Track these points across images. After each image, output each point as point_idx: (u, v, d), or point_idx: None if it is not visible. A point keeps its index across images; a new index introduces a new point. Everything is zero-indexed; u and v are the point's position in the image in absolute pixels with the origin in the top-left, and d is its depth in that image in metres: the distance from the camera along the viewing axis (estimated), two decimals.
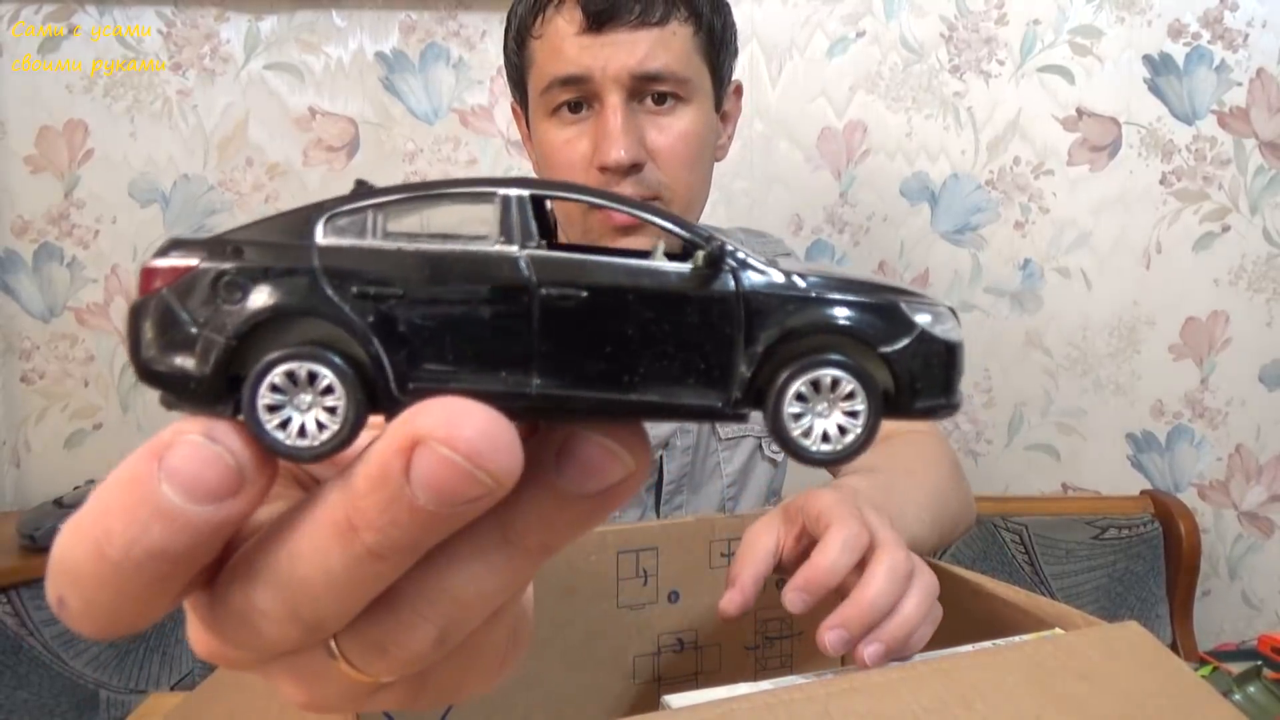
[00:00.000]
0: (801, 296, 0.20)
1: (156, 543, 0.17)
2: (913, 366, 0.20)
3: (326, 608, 0.19)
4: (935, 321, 0.21)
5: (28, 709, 1.06)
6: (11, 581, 1.07)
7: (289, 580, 0.18)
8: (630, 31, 0.78)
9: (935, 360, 0.21)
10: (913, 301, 0.21)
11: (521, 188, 0.20)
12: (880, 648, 0.51)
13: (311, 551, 0.18)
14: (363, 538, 0.17)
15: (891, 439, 0.90)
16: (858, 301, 0.20)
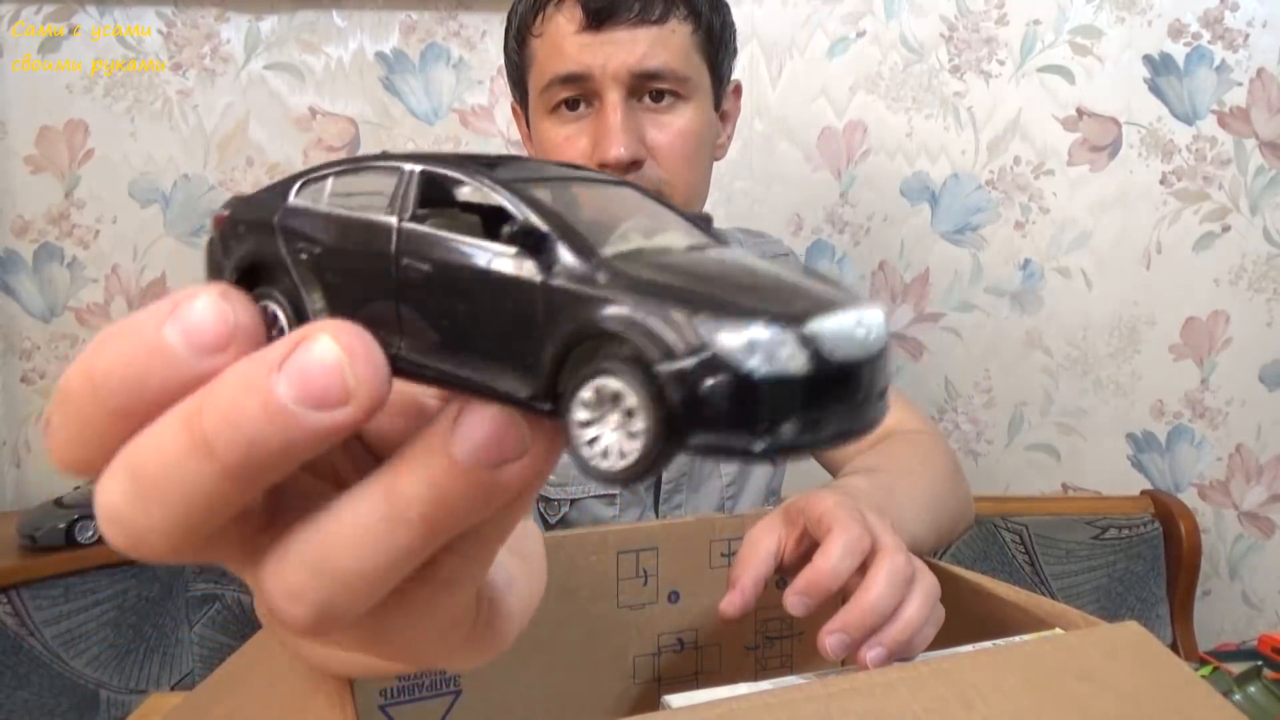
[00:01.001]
0: (589, 296, 0.18)
1: (135, 373, 0.18)
2: (688, 393, 0.17)
3: (191, 517, 0.19)
4: (751, 347, 0.17)
5: (28, 709, 1.06)
6: (12, 581, 1.07)
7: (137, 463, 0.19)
8: (630, 29, 0.79)
9: (720, 391, 0.17)
10: (730, 317, 0.17)
11: (418, 163, 0.21)
12: (882, 651, 0.51)
13: (158, 440, 0.19)
14: (214, 446, 0.18)
15: (891, 439, 0.90)
16: (651, 306, 0.18)
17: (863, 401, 0.19)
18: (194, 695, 0.44)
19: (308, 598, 0.19)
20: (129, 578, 1.14)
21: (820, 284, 0.20)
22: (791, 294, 0.19)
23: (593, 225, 0.20)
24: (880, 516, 0.58)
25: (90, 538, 1.11)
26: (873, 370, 0.19)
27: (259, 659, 0.44)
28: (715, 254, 0.20)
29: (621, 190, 0.24)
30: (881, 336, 0.19)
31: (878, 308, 0.20)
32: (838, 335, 0.18)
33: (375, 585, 0.19)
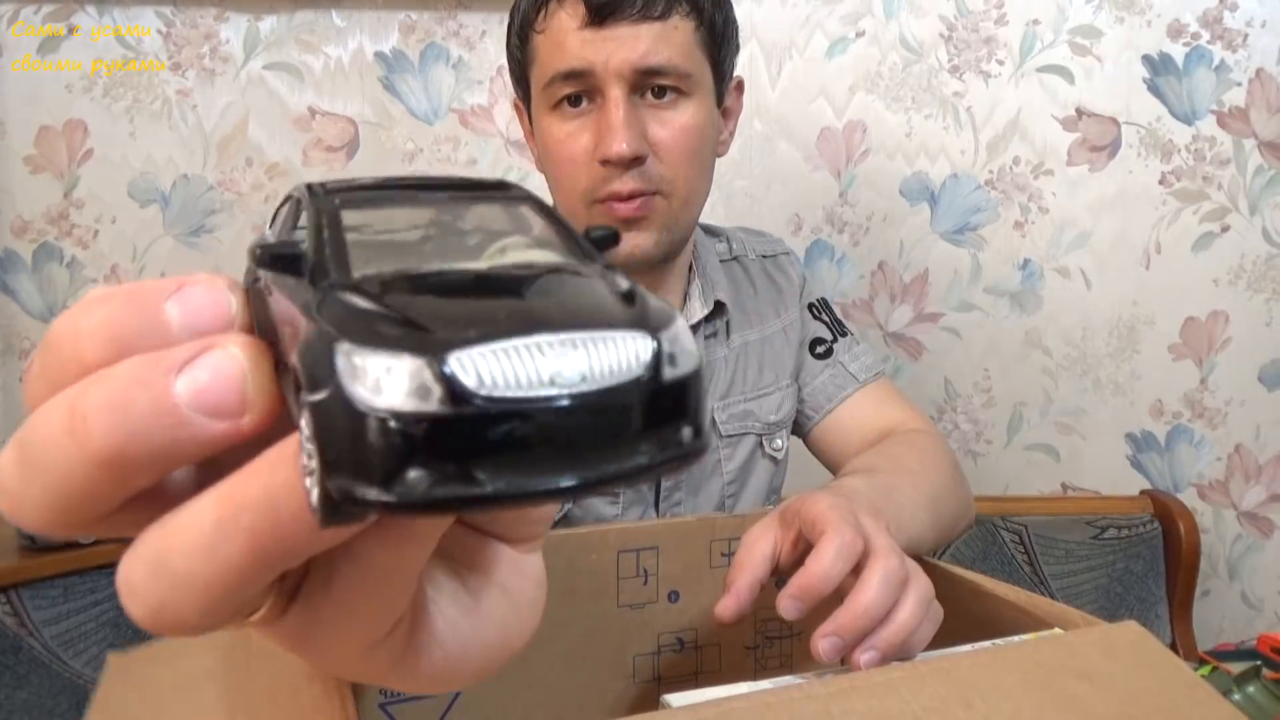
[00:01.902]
0: (303, 321, 0.17)
1: (120, 335, 0.19)
2: (321, 430, 0.16)
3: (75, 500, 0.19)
4: (376, 382, 0.15)
5: (27, 709, 1.06)
6: (11, 581, 1.07)
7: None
8: (632, 25, 0.79)
9: (340, 428, 0.15)
10: (373, 347, 0.16)
11: (305, 192, 0.21)
12: (876, 655, 0.51)
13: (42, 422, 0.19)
14: (91, 433, 0.17)
15: (890, 438, 0.90)
16: (323, 335, 0.16)
17: (550, 454, 0.16)
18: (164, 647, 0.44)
19: (141, 595, 0.19)
20: None
21: (599, 309, 0.18)
22: (492, 320, 0.16)
23: (374, 247, 0.19)
24: (875, 518, 0.58)
25: (89, 538, 1.10)
26: (566, 417, 0.16)
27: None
28: (521, 278, 0.19)
29: (502, 208, 0.22)
30: (601, 376, 0.16)
31: (635, 339, 0.17)
32: (499, 370, 0.16)
33: (208, 594, 0.18)
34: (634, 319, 0.18)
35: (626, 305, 0.18)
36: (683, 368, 0.18)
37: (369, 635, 0.22)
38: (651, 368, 0.17)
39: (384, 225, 0.20)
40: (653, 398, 0.17)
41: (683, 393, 0.18)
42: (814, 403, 0.97)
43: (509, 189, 0.23)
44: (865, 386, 0.97)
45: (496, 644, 0.25)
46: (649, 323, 0.18)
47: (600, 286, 0.19)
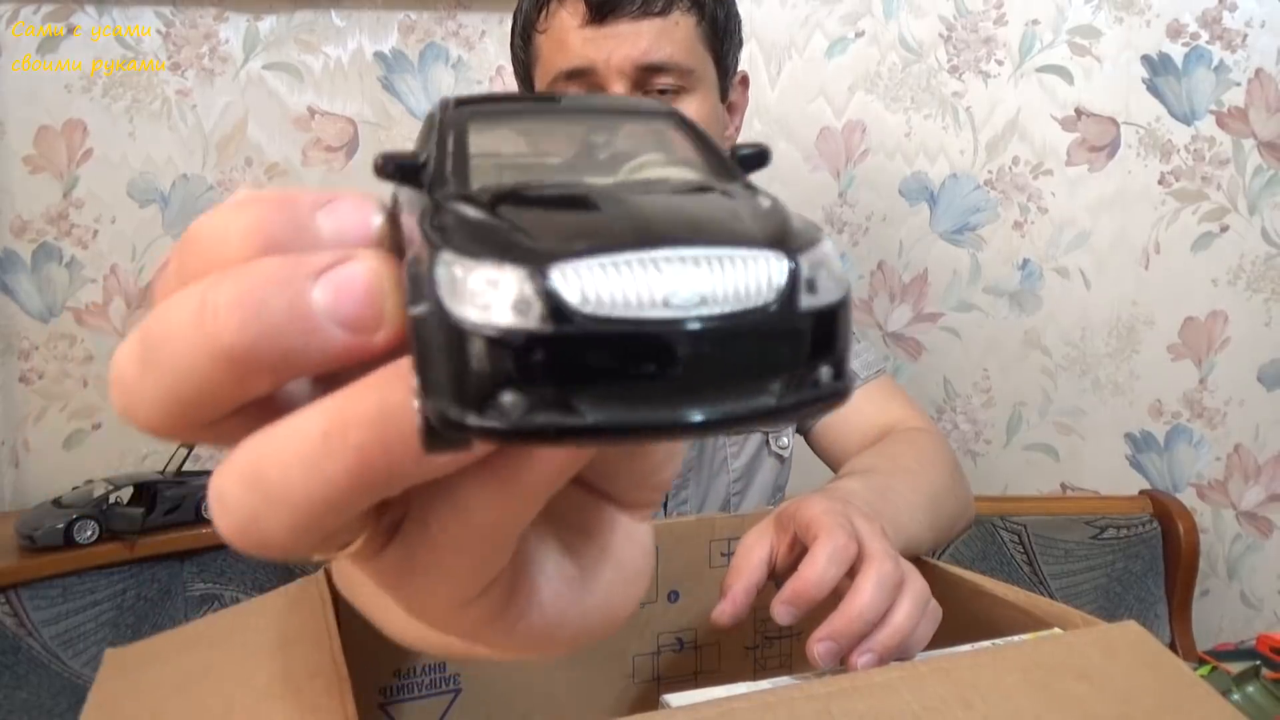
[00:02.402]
0: (411, 233, 0.17)
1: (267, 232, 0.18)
2: (421, 346, 0.15)
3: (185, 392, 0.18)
4: (471, 294, 0.14)
5: (26, 709, 1.06)
6: (11, 582, 1.07)
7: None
8: (633, 22, 0.79)
9: (435, 344, 0.15)
10: (471, 258, 0.15)
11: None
12: (873, 657, 0.51)
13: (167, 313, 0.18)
14: (222, 326, 0.17)
15: (890, 438, 0.90)
16: (427, 247, 0.15)
17: (661, 386, 0.15)
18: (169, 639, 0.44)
19: (233, 508, 0.18)
20: (127, 578, 1.14)
21: (729, 225, 0.16)
22: (605, 232, 0.15)
23: (499, 161, 0.18)
24: (870, 522, 0.58)
25: (88, 538, 1.10)
26: (680, 344, 0.14)
27: (248, 623, 0.44)
28: (649, 193, 0.17)
29: (644, 125, 0.20)
30: (724, 299, 0.15)
31: (769, 260, 0.15)
32: (606, 286, 0.14)
33: (303, 513, 0.17)
34: (770, 237, 0.16)
35: (764, 222, 0.16)
36: (825, 296, 0.16)
37: (463, 590, 0.20)
38: (785, 294, 0.15)
39: (514, 140, 0.19)
40: (785, 328, 0.15)
41: (823, 325, 0.16)
42: None
43: (653, 107, 0.21)
44: (867, 384, 0.96)
45: (599, 614, 0.24)
46: (788, 242, 0.16)
47: (737, 204, 0.17)
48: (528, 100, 0.21)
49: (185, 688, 0.42)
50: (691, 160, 0.19)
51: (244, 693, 0.40)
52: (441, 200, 0.17)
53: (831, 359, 0.16)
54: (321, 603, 0.47)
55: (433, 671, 0.58)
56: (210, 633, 0.47)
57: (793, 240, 0.16)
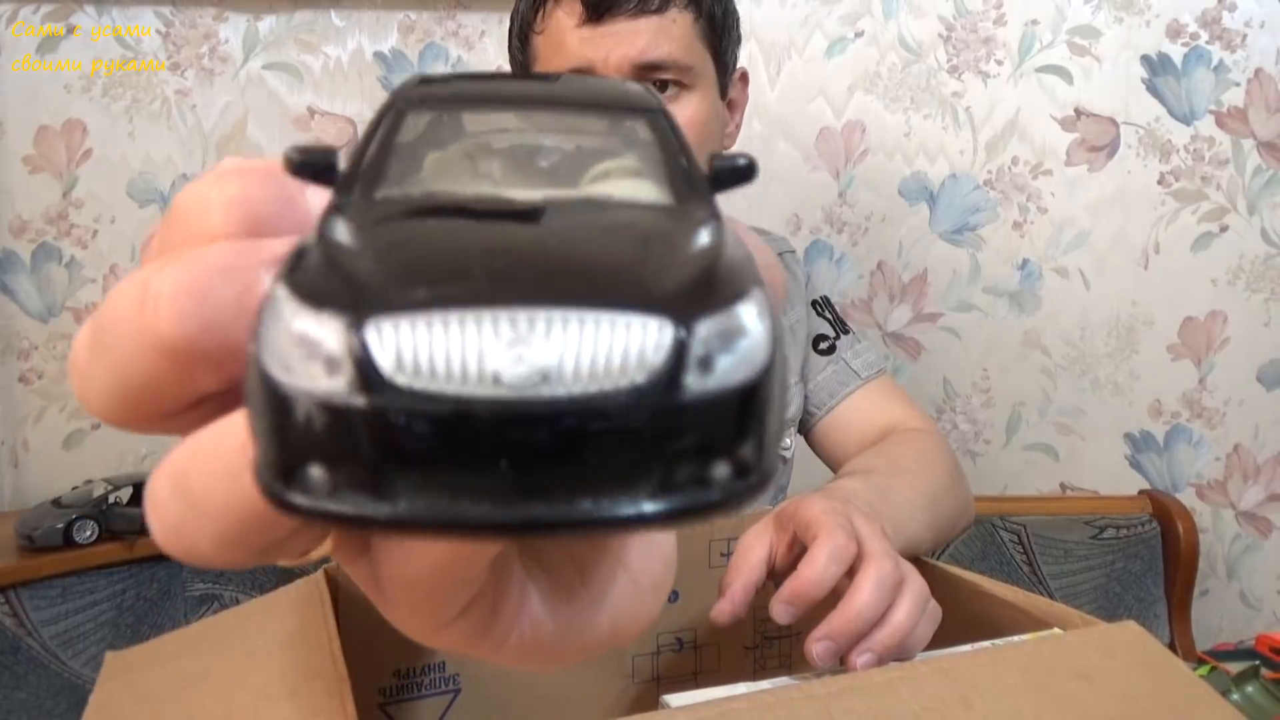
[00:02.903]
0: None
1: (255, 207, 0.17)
2: (247, 393, 0.14)
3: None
4: (285, 349, 0.13)
5: (25, 709, 1.06)
6: (10, 581, 1.07)
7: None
8: (630, 21, 0.79)
9: (254, 395, 0.13)
10: (302, 302, 0.13)
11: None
12: (872, 657, 0.51)
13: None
14: (162, 314, 0.16)
15: (890, 438, 0.90)
16: (283, 279, 0.14)
17: (494, 478, 0.12)
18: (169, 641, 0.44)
19: (161, 513, 0.17)
20: (127, 578, 1.14)
21: (626, 274, 0.13)
22: (461, 277, 0.12)
23: (430, 159, 0.16)
24: (869, 521, 0.58)
25: (88, 538, 1.10)
26: (517, 430, 0.12)
27: (247, 625, 0.44)
28: (583, 218, 0.15)
29: (617, 123, 0.18)
30: (579, 377, 0.12)
31: (648, 326, 0.12)
32: (429, 350, 0.12)
33: (226, 524, 0.16)
34: (666, 294, 0.13)
35: (674, 271, 0.13)
36: (725, 375, 0.13)
37: (433, 616, 0.19)
38: (662, 374, 0.12)
39: (460, 133, 0.17)
40: (658, 418, 0.12)
41: (718, 412, 0.13)
42: (816, 399, 0.97)
43: (636, 101, 0.18)
44: (867, 384, 0.96)
45: (606, 629, 0.21)
46: (688, 303, 0.13)
47: (669, 238, 0.14)
48: (501, 82, 0.18)
49: (185, 690, 0.42)
50: (658, 171, 0.17)
51: (244, 694, 0.40)
52: (330, 211, 0.15)
53: (732, 451, 0.13)
54: (321, 603, 0.47)
55: (432, 672, 0.58)
56: (210, 635, 0.47)
57: (697, 299, 0.13)
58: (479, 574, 0.18)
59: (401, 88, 0.17)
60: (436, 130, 0.17)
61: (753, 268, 0.14)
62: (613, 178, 0.16)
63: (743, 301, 0.13)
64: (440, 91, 0.17)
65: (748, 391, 0.13)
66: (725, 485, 0.13)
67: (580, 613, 0.21)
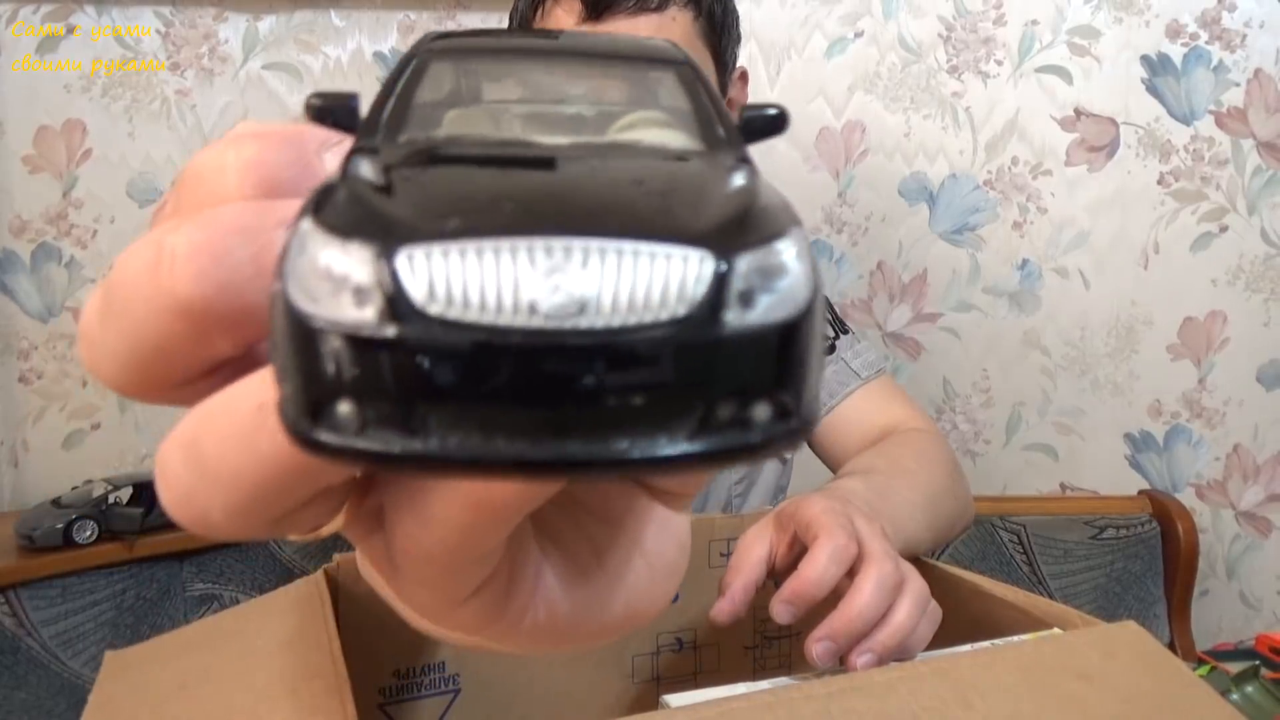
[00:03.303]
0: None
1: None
2: (270, 330, 0.14)
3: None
4: (313, 278, 0.12)
5: (25, 709, 1.06)
6: (10, 581, 1.07)
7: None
8: (629, 18, 0.79)
9: (281, 331, 0.13)
10: (334, 235, 0.12)
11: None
12: (872, 658, 0.51)
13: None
14: (178, 273, 0.15)
15: (890, 438, 0.90)
16: (308, 214, 0.14)
17: (530, 413, 0.12)
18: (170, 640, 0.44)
19: (171, 481, 0.16)
20: (127, 578, 1.14)
21: (662, 210, 0.13)
22: (494, 209, 0.12)
23: (453, 109, 0.16)
24: (870, 522, 0.58)
25: (88, 538, 1.10)
26: (555, 362, 0.11)
27: (245, 626, 0.44)
28: (617, 163, 0.14)
29: (646, 75, 0.17)
30: (618, 308, 0.12)
31: (689, 259, 0.12)
32: (462, 280, 0.11)
33: (238, 492, 0.15)
34: (705, 229, 0.12)
35: (711, 208, 0.13)
36: (767, 312, 0.12)
37: (447, 594, 0.18)
38: (703, 307, 0.12)
39: (484, 84, 0.16)
40: (698, 352, 0.12)
41: (760, 349, 0.12)
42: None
43: (661, 53, 0.18)
44: (867, 384, 0.96)
45: (623, 611, 0.21)
46: (727, 237, 0.12)
47: (703, 180, 0.14)
48: (524, 37, 0.18)
49: (185, 690, 0.42)
50: (687, 121, 0.16)
51: (244, 694, 0.40)
52: (353, 154, 0.15)
53: (772, 394, 0.13)
54: (321, 604, 0.47)
55: (432, 672, 0.58)
56: (210, 634, 0.47)
57: (736, 235, 0.12)
58: (496, 549, 0.17)
59: (421, 41, 0.17)
60: (459, 81, 0.16)
61: (790, 210, 0.14)
62: (640, 127, 0.16)
63: (782, 239, 0.13)
64: (462, 44, 0.17)
65: (789, 330, 0.13)
66: (766, 427, 0.13)
67: (595, 594, 0.20)
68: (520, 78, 0.17)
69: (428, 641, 0.57)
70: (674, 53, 0.17)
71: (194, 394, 0.17)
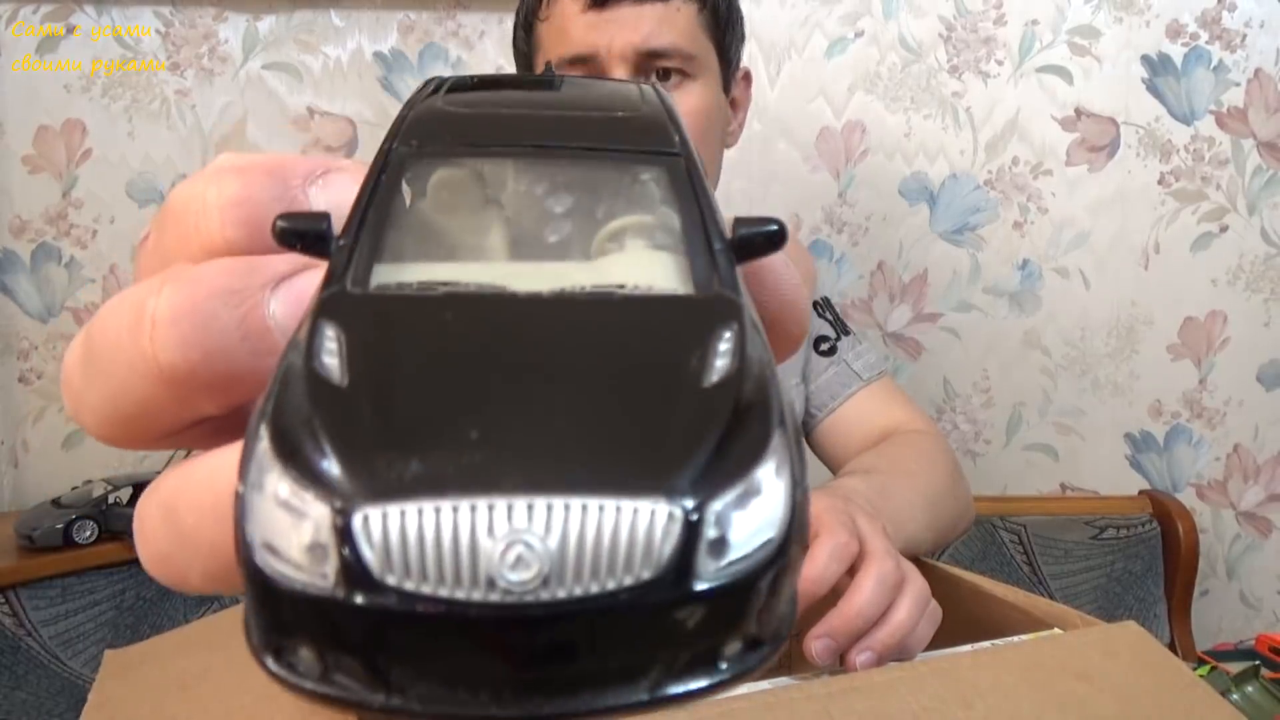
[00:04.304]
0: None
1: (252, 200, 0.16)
2: (236, 539, 0.13)
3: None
4: (258, 495, 0.12)
5: (25, 709, 1.06)
6: (10, 582, 1.07)
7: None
8: (634, 7, 0.79)
9: (242, 557, 0.13)
10: (283, 455, 0.12)
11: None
12: (871, 656, 0.51)
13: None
14: (161, 341, 0.15)
15: (891, 439, 0.90)
16: (269, 384, 0.14)
17: (491, 675, 0.11)
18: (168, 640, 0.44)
19: (150, 539, 0.16)
20: (127, 578, 1.14)
21: (624, 449, 0.12)
22: (454, 448, 0.12)
23: (424, 228, 0.15)
24: (871, 520, 0.58)
25: (87, 538, 1.10)
26: (514, 633, 0.11)
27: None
28: (571, 332, 0.13)
29: (635, 173, 0.16)
30: (580, 576, 0.11)
31: (654, 514, 0.11)
32: (419, 550, 0.11)
33: (218, 565, 0.15)
34: (675, 470, 0.12)
35: (685, 433, 0.12)
36: (739, 556, 0.12)
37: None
38: (672, 566, 0.11)
39: (463, 189, 0.16)
40: (668, 611, 0.12)
41: (732, 597, 0.12)
42: (818, 400, 0.97)
43: (657, 143, 0.16)
44: (869, 385, 0.96)
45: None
46: (698, 480, 0.12)
47: (679, 378, 0.13)
48: (509, 109, 0.17)
49: (185, 689, 0.42)
50: (675, 238, 0.15)
51: (243, 694, 0.40)
52: (322, 308, 0.14)
53: (737, 634, 0.12)
54: None
55: None
56: (210, 634, 0.47)
57: (710, 474, 0.12)
58: None
59: (402, 130, 0.16)
60: (438, 187, 0.16)
61: (770, 386, 0.13)
62: (628, 238, 0.15)
63: (761, 463, 0.12)
64: (442, 134, 0.16)
65: (763, 570, 0.12)
66: (735, 660, 0.12)
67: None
68: (502, 178, 0.16)
69: None
70: (670, 142, 0.17)
71: (180, 443, 0.17)
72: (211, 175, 0.16)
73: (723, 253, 0.15)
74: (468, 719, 0.12)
